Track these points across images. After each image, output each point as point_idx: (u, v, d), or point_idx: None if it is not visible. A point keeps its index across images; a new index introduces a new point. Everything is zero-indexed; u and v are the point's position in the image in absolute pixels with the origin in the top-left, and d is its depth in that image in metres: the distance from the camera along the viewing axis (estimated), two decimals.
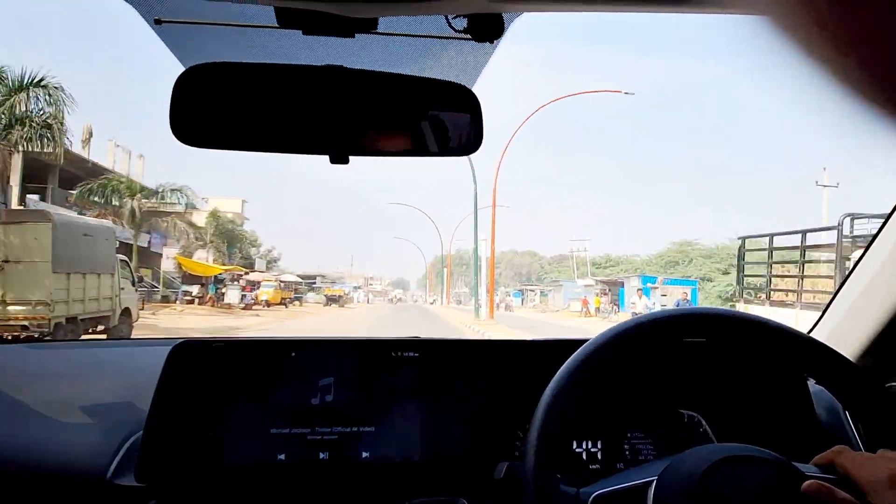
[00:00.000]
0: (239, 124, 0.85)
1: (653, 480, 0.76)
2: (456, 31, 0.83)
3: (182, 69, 0.83)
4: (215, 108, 0.84)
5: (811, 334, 1.31)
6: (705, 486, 0.71)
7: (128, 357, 1.37)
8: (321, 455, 1.06)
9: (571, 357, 0.83)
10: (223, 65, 0.82)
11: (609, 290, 38.35)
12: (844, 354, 0.87)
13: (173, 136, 0.79)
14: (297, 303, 37.77)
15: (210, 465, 1.03)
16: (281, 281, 35.93)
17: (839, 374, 0.84)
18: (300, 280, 45.61)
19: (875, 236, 1.17)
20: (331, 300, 43.00)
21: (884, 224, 1.15)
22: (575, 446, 1.14)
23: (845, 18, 0.19)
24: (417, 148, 0.91)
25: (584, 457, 1.14)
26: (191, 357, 1.07)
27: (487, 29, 0.83)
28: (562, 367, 0.83)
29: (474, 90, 0.90)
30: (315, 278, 55.12)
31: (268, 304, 30.93)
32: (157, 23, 0.85)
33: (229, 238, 37.44)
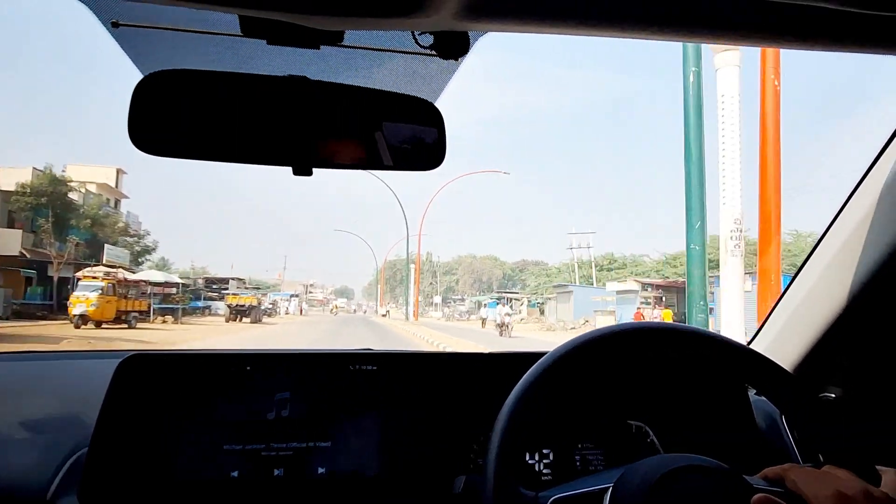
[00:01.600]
0: (200, 133, 0.83)
1: (609, 487, 0.78)
2: (422, 46, 0.84)
3: (140, 75, 0.81)
4: (176, 117, 0.82)
5: (751, 345, 1.37)
6: (659, 494, 0.74)
7: (73, 370, 1.31)
8: (276, 471, 1.04)
9: (531, 369, 0.84)
10: (184, 72, 0.80)
11: (664, 297, 29.43)
12: (782, 364, 0.92)
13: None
14: (166, 318, 28.08)
15: (159, 484, 0.99)
16: (125, 281, 24.24)
17: (777, 384, 0.88)
18: (177, 282, 34.96)
19: (813, 249, 1.24)
20: (237, 312, 32.04)
21: (821, 237, 1.22)
22: (528, 457, 1.16)
23: None
24: (381, 161, 0.91)
25: (537, 467, 1.16)
26: (141, 370, 1.03)
27: (453, 46, 0.84)
28: (522, 379, 0.84)
29: (438, 105, 0.92)
30: (228, 282, 45.77)
31: (85, 319, 20.63)
32: (114, 26, 0.83)
33: (65, 216, 28.05)
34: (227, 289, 41.40)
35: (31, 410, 1.15)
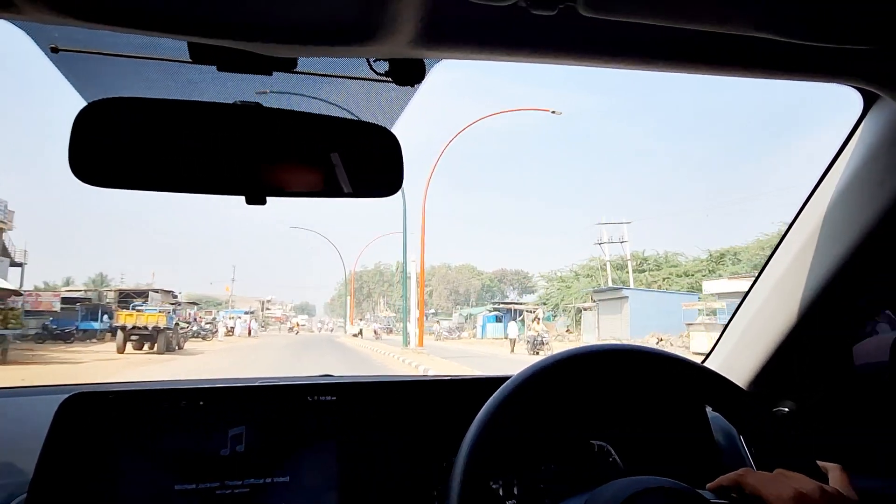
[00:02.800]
0: (146, 163, 0.80)
1: None
2: (377, 73, 0.83)
3: (82, 101, 0.77)
4: (121, 147, 0.79)
5: (706, 363, 1.40)
6: None
7: (10, 408, 1.23)
8: None
9: (495, 395, 0.83)
10: (129, 100, 0.77)
11: None
12: (737, 381, 0.94)
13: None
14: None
15: None
16: None
17: (731, 400, 0.90)
18: (10, 289, 24.36)
19: (763, 267, 1.28)
20: (137, 338, 22.34)
21: (771, 256, 1.25)
22: (492, 483, 1.15)
23: None
24: (337, 189, 0.89)
25: (501, 491, 1.15)
26: (85, 409, 0.97)
27: (408, 73, 0.83)
28: (486, 405, 0.83)
29: (394, 131, 0.91)
30: (147, 295, 34.45)
31: None
32: (53, 51, 0.79)
33: None
34: (136, 302, 27.93)
35: None
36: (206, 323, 39.35)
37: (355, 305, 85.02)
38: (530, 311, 36.47)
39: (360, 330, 45.34)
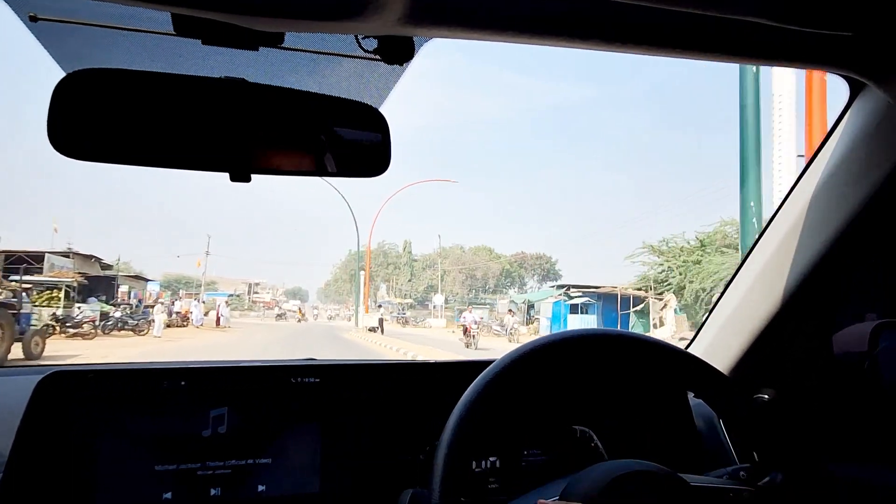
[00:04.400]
0: (127, 137, 0.78)
1: (555, 500, 0.78)
2: (365, 51, 0.82)
3: (62, 73, 0.75)
4: (101, 119, 0.77)
5: (689, 348, 1.41)
6: (605, 502, 0.75)
7: None
8: (212, 491, 0.99)
9: (478, 379, 0.83)
10: (110, 71, 0.75)
11: None
12: (719, 367, 0.94)
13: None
14: None
15: None
16: None
17: (713, 387, 0.91)
18: None
19: (747, 254, 1.29)
20: None
21: (756, 242, 1.26)
22: (474, 465, 1.15)
23: None
24: (323, 168, 0.88)
25: (483, 474, 1.16)
26: (63, 388, 0.96)
27: (397, 51, 0.82)
28: (469, 389, 0.83)
29: (382, 110, 0.90)
30: (42, 262, 24.08)
31: None
32: (31, 20, 0.77)
33: None
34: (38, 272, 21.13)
35: None
36: (146, 306, 28.03)
37: (352, 291, 68.20)
38: (657, 299, 26.22)
39: (381, 320, 30.91)
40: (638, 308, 27.42)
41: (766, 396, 1.30)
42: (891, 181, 1.02)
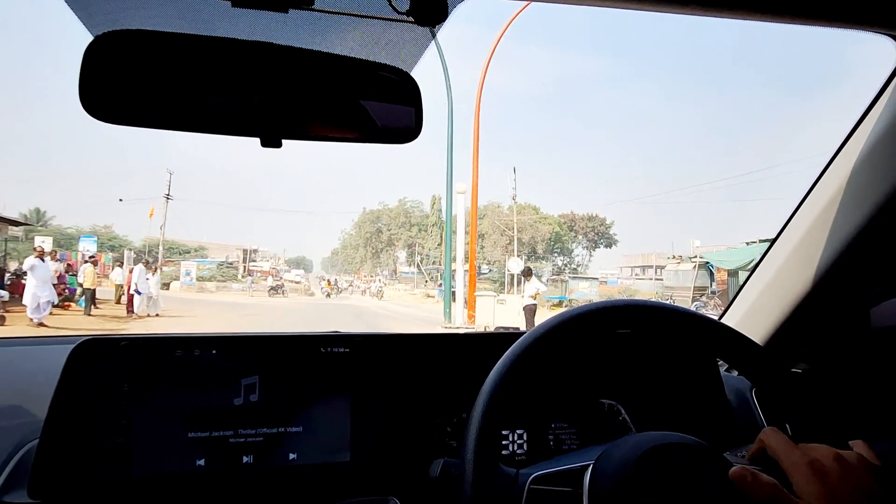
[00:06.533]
0: (158, 100, 0.77)
1: (589, 465, 0.77)
2: (398, 12, 0.79)
3: (90, 36, 0.74)
4: (132, 82, 0.76)
5: (722, 320, 1.39)
6: (640, 472, 0.74)
7: (21, 357, 1.23)
8: (244, 459, 1.00)
9: (511, 349, 0.82)
10: (141, 32, 0.73)
11: None
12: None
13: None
14: None
15: (117, 476, 0.94)
16: None
17: (749, 357, 0.89)
18: None
19: (785, 225, 1.25)
20: None
21: (791, 216, 1.23)
22: (503, 436, 1.15)
23: None
24: (353, 133, 0.86)
25: (511, 447, 1.15)
26: (96, 357, 0.97)
27: (430, 12, 0.80)
28: (502, 359, 0.82)
29: (413, 74, 0.87)
30: None
31: None
32: None
33: None
34: None
35: None
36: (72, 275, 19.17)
37: (373, 256, 56.94)
38: None
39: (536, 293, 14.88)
40: None
41: (800, 371, 1.28)
42: None
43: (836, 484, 0.66)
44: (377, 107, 0.88)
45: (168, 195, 37.98)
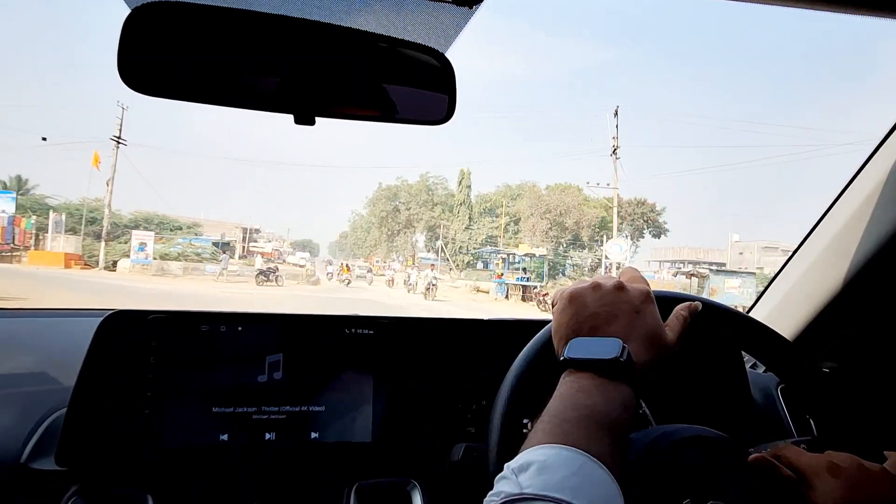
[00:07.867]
0: (195, 73, 0.77)
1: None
2: None
3: (126, 9, 0.74)
4: (169, 53, 0.76)
5: (749, 314, 1.37)
6: (664, 464, 0.73)
7: (50, 329, 1.25)
8: (267, 435, 1.01)
9: (537, 336, 0.82)
10: (178, 4, 0.73)
11: None
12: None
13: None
14: None
15: (142, 447, 0.95)
16: None
17: (777, 352, 0.88)
18: None
19: (818, 223, 1.23)
20: None
21: (825, 214, 1.20)
22: (523, 423, 1.15)
23: None
24: (387, 113, 0.86)
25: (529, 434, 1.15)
26: (124, 329, 0.98)
27: None
28: (527, 347, 0.81)
29: (448, 56, 0.86)
30: None
31: None
32: None
33: None
34: None
35: (3, 370, 1.09)
36: None
37: (388, 239, 49.59)
38: None
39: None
40: None
41: (827, 370, 1.26)
42: None
43: (855, 488, 0.66)
44: (412, 87, 0.87)
45: (119, 137, 26.68)
